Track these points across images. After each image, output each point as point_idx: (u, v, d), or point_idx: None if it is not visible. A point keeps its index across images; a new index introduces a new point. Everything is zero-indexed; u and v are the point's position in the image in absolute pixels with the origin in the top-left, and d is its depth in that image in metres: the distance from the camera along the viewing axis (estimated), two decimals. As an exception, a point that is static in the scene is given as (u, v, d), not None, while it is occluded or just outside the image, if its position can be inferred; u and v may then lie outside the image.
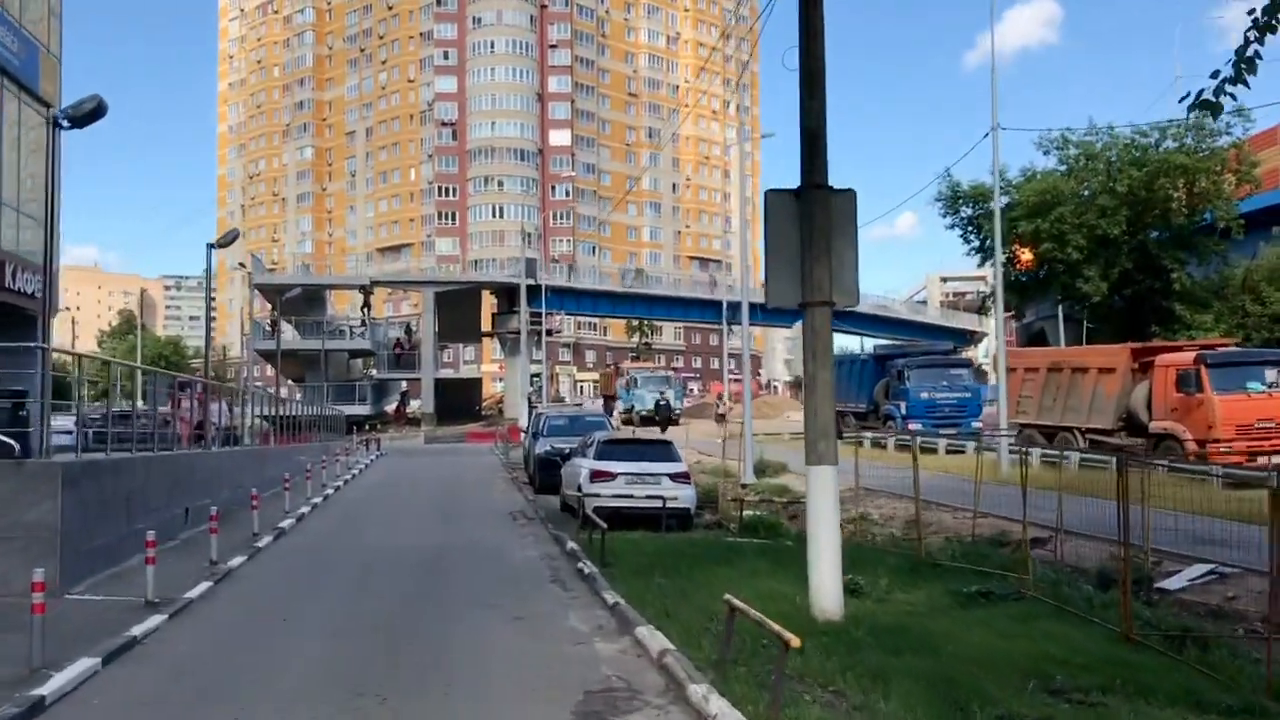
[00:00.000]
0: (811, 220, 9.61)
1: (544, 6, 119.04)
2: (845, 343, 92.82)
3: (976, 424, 34.94)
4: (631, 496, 16.41)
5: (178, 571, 12.08)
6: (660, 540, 14.76)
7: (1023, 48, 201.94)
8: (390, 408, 70.26)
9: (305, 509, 19.09)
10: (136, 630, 8.84)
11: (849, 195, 9.97)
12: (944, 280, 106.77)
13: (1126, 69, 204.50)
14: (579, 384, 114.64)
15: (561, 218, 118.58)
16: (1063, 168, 49.47)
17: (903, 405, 34.75)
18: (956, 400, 34.68)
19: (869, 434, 34.60)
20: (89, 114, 13.17)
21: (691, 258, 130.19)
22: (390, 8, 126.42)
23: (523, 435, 42.55)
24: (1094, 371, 26.45)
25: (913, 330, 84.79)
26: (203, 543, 13.79)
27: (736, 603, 7.19)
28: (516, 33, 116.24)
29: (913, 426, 33.90)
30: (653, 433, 36.32)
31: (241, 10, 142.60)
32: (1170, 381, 23.79)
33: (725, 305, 44.43)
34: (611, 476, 16.77)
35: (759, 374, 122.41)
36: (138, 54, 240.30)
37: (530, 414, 30.62)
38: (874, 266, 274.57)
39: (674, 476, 16.97)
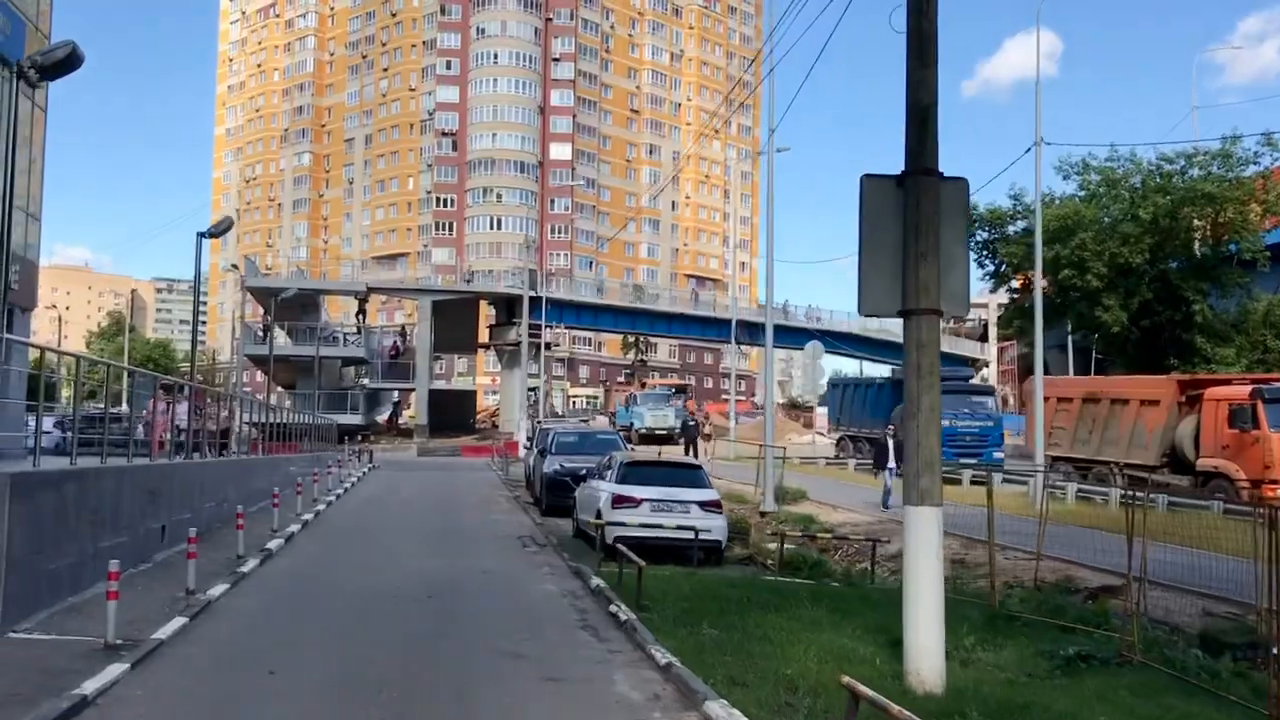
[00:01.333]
0: (918, 212, 8.06)
1: (549, 19, 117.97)
2: (839, 364, 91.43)
3: (999, 454, 33.45)
4: (661, 527, 14.80)
5: (148, 602, 10.43)
6: (695, 578, 13.15)
7: (1018, 80, 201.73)
8: (381, 418, 68.51)
9: (295, 527, 17.42)
10: (89, 686, 7.12)
11: (960, 185, 8.44)
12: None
13: (1126, 101, 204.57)
14: (572, 399, 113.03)
15: (560, 232, 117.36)
16: (1083, 193, 48.24)
17: (922, 432, 33.18)
18: (979, 429, 33.17)
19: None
20: (60, 63, 11.38)
21: (689, 275, 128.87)
22: (394, 15, 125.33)
23: (522, 451, 40.95)
24: (1135, 404, 24.98)
25: (874, 349, 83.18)
26: (179, 566, 12.15)
27: (861, 689, 5.58)
28: (520, 45, 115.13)
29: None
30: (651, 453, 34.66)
31: (243, 13, 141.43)
32: (1222, 417, 22.32)
33: (735, 324, 42.86)
34: (635, 503, 15.17)
35: (754, 396, 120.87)
36: (135, 53, 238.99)
37: (533, 429, 28.97)
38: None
39: (704, 505, 15.38)
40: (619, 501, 15.22)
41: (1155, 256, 44.19)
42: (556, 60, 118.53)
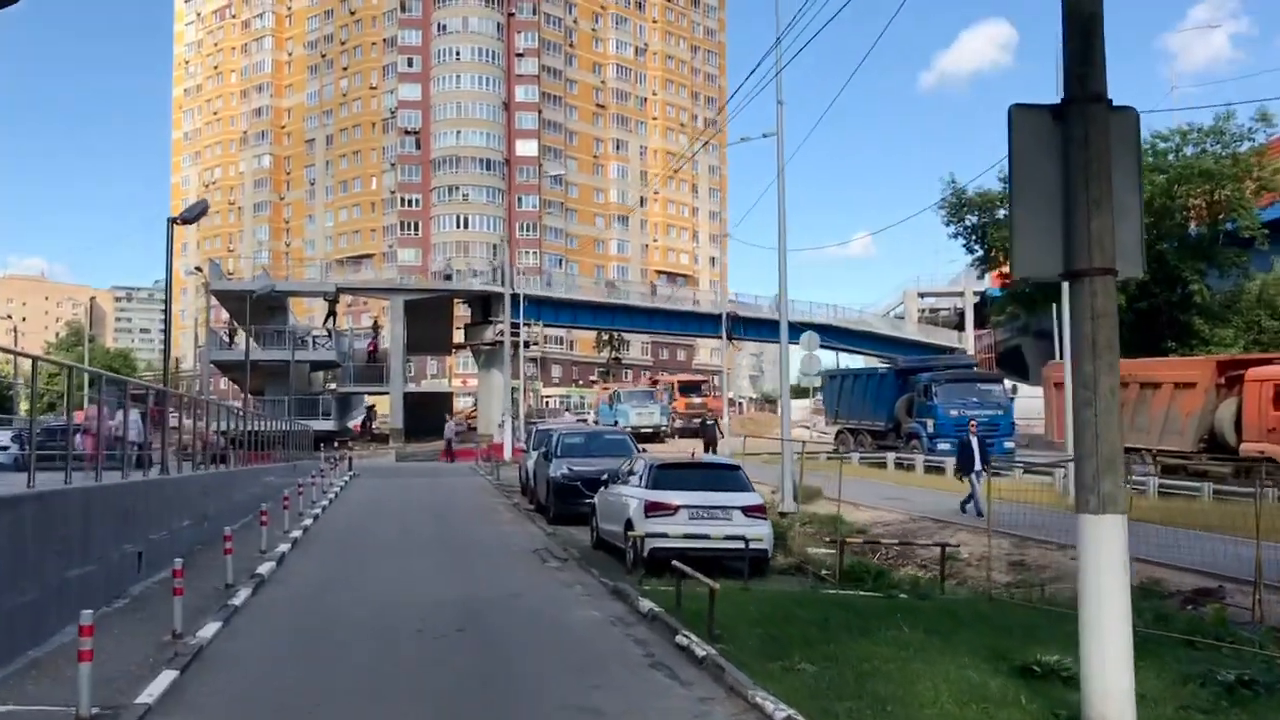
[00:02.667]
0: (1086, 150, 6.47)
1: (511, 15, 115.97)
2: (821, 357, 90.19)
3: (1010, 444, 32.11)
4: (706, 537, 13.16)
5: (128, 651, 8.67)
6: (750, 595, 11.54)
7: (976, 71, 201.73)
8: (353, 423, 66.43)
9: (285, 546, 15.62)
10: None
11: (1129, 117, 6.85)
12: (921, 296, 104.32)
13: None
14: (545, 399, 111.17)
15: (528, 230, 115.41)
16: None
17: (929, 423, 31.80)
18: (989, 419, 31.72)
19: (889, 453, 31.80)
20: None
21: (659, 272, 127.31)
22: (353, 13, 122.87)
23: (508, 452, 39.20)
24: (1169, 387, 23.66)
25: (891, 346, 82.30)
26: (161, 601, 10.42)
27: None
28: (483, 40, 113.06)
29: (942, 447, 31.02)
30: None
31: (198, 15, 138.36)
32: (1266, 398, 21.04)
33: (726, 318, 41.32)
34: (672, 510, 13.53)
35: (728, 392, 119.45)
36: (88, 59, 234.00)
37: (529, 431, 27.23)
38: (837, 283, 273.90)
39: (747, 510, 13.76)
40: (653, 509, 13.58)
41: (1151, 237, 43.25)
42: (520, 55, 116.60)
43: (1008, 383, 34.64)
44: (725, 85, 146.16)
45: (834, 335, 76.95)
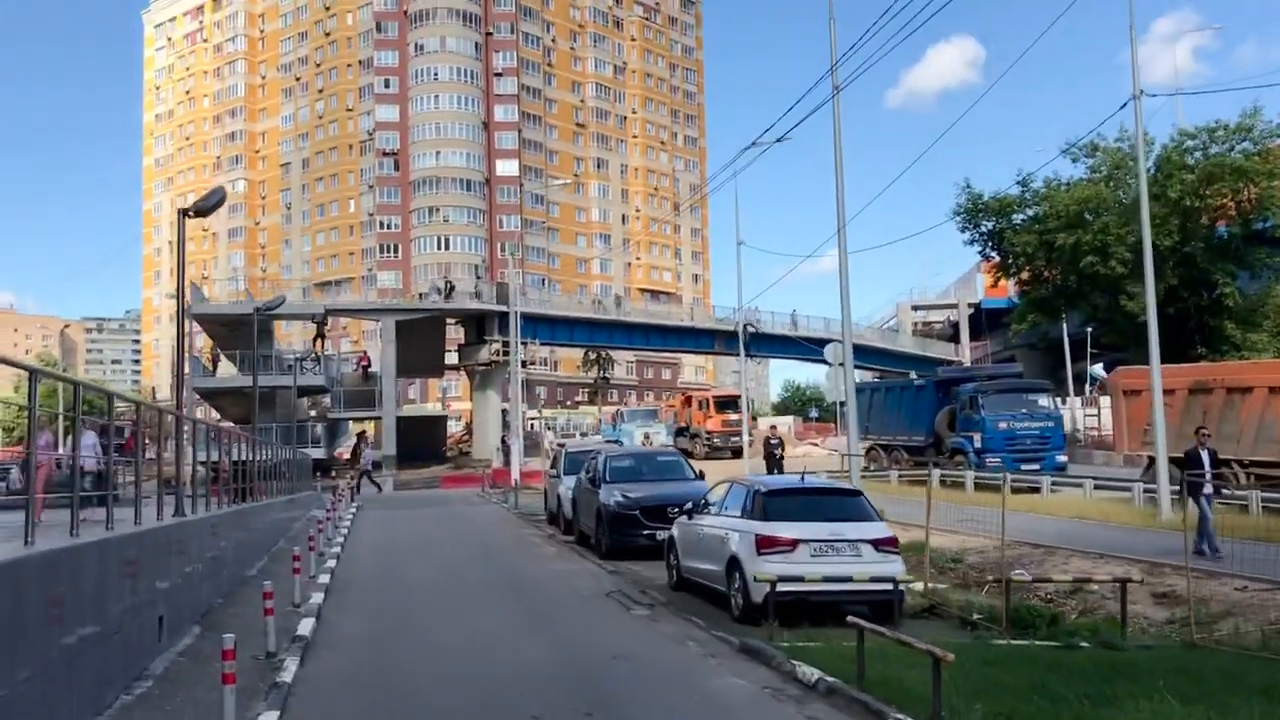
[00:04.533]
0: None
1: (489, 34, 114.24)
2: (801, 373, 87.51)
3: (1061, 458, 30.13)
4: (849, 579, 10.96)
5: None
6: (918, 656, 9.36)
7: (944, 88, 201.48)
8: (339, 450, 63.82)
9: (317, 596, 13.27)
10: None
11: None
12: (915, 309, 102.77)
13: (1049, 107, 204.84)
14: (530, 421, 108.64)
15: (510, 250, 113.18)
16: (1096, 176, 45.43)
17: (977, 437, 29.74)
18: (1039, 431, 29.78)
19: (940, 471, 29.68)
20: None
21: (642, 290, 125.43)
22: (328, 34, 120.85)
23: (514, 478, 36.81)
24: (1262, 392, 21.69)
25: (886, 359, 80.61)
26: (193, 680, 8.17)
27: None
28: (461, 60, 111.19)
29: (991, 462, 28.97)
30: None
31: (169, 39, 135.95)
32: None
33: (744, 331, 39.23)
34: (789, 546, 11.34)
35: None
36: (56, 88, 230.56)
37: (556, 453, 24.90)
38: (813, 299, 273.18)
39: (878, 545, 11.58)
40: (766, 545, 11.37)
41: (1179, 239, 41.67)
42: (499, 75, 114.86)
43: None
44: (704, 103, 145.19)
45: (814, 347, 74.65)
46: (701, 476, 19.53)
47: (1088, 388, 63.07)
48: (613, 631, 11.31)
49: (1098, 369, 53.20)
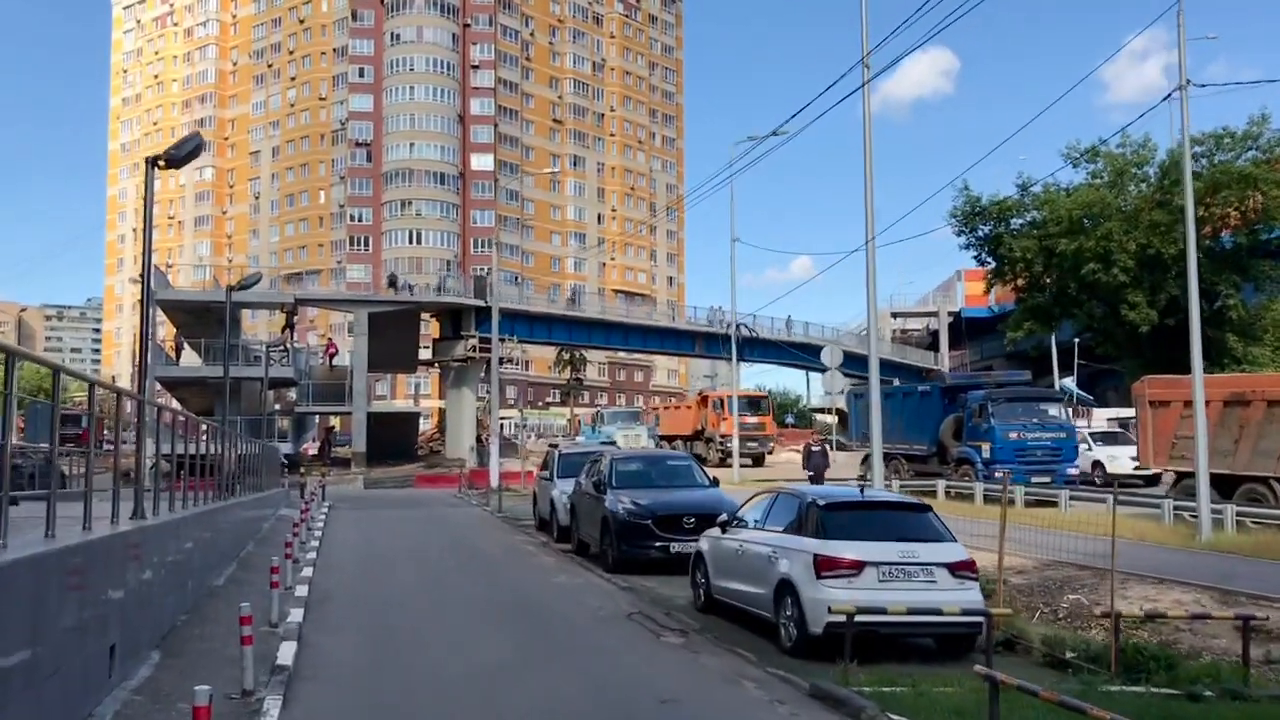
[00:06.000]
0: None
1: (466, 25, 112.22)
2: (773, 378, 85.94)
3: (1073, 470, 28.75)
4: (939, 612, 9.34)
5: None
6: (1022, 696, 7.80)
7: (918, 98, 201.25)
8: (305, 446, 61.75)
9: (295, 613, 11.46)
10: None
11: None
12: (894, 316, 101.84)
13: (1023, 118, 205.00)
14: (502, 421, 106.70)
15: (482, 246, 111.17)
16: (1098, 182, 44.38)
17: (985, 448, 28.29)
18: (1051, 442, 28.36)
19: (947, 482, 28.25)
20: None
21: (616, 290, 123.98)
22: (301, 21, 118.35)
23: (493, 480, 35.03)
24: (1307, 404, 20.39)
25: (863, 366, 79.01)
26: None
27: None
28: (437, 51, 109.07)
29: (999, 474, 27.52)
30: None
31: (138, 21, 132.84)
32: None
33: (737, 338, 37.57)
34: (853, 569, 9.73)
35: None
36: (18, 68, 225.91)
37: (549, 455, 23.15)
38: (782, 304, 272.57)
39: (954, 569, 10.01)
40: (826, 567, 9.76)
41: (1181, 248, 40.69)
42: (476, 68, 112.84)
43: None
44: (683, 103, 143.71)
45: (799, 353, 73.08)
46: (715, 483, 17.93)
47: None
48: (647, 664, 9.66)
49: (1068, 382, 51.83)
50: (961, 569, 10.04)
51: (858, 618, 8.95)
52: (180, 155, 11.26)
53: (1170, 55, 20.68)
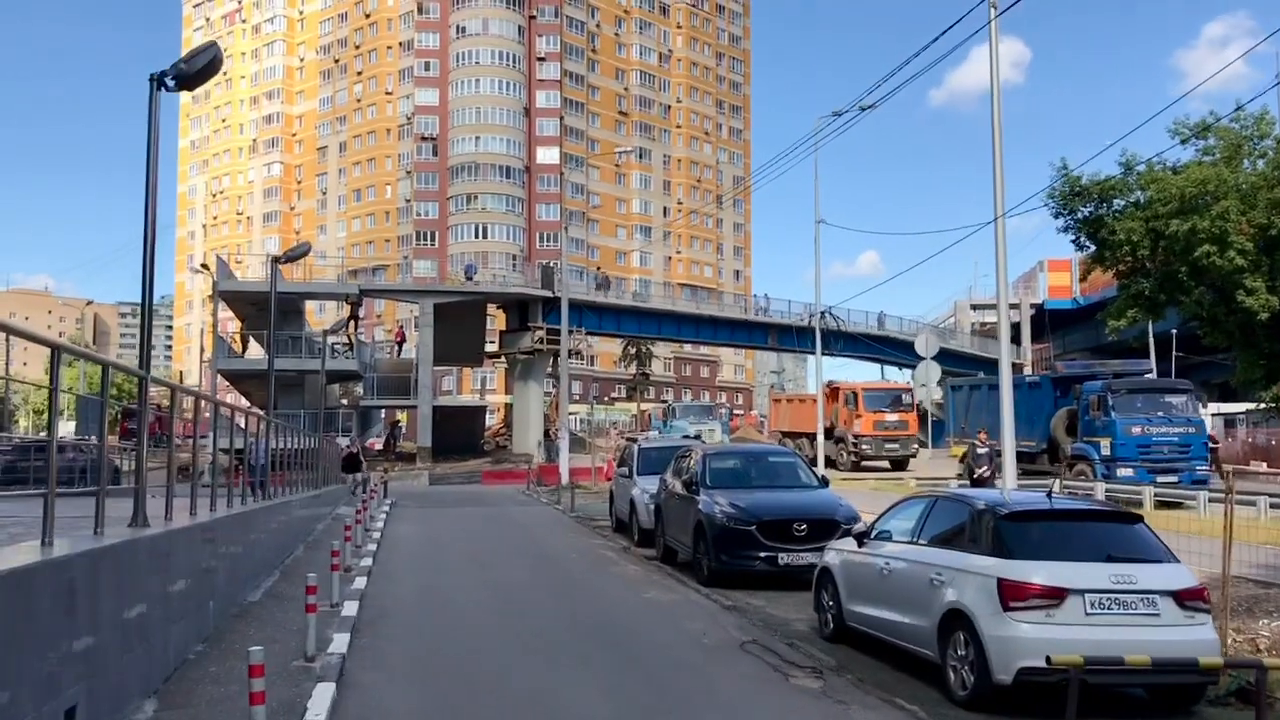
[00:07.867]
0: None
1: (532, 17, 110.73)
2: (857, 371, 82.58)
3: (1203, 470, 25.99)
4: (1195, 668, 6.99)
5: None
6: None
7: (986, 89, 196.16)
8: (371, 441, 60.35)
9: (340, 640, 9.48)
10: None
11: None
12: (973, 308, 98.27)
13: (1097, 108, 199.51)
14: (570, 415, 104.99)
15: (548, 240, 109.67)
16: (1208, 159, 41.09)
17: (1105, 444, 25.67)
18: (1178, 439, 25.68)
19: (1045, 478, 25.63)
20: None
21: (682, 284, 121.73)
22: (367, 16, 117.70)
23: (563, 477, 33.03)
24: None
25: (945, 359, 75.93)
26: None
27: None
28: (503, 44, 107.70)
29: (1123, 473, 24.90)
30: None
31: (207, 19, 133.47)
32: None
33: (821, 330, 35.05)
34: (1055, 598, 7.44)
35: (752, 410, 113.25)
36: (93, 71, 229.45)
37: (627, 450, 21.08)
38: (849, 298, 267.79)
39: (1181, 598, 7.68)
40: (1015, 595, 7.47)
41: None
42: (541, 60, 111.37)
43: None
44: (750, 94, 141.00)
45: (875, 346, 70.11)
46: (825, 484, 15.63)
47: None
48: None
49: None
50: (1191, 598, 7.69)
51: (1037, 661, 6.65)
52: (192, 71, 9.18)
53: (1250, 42, 17.92)
